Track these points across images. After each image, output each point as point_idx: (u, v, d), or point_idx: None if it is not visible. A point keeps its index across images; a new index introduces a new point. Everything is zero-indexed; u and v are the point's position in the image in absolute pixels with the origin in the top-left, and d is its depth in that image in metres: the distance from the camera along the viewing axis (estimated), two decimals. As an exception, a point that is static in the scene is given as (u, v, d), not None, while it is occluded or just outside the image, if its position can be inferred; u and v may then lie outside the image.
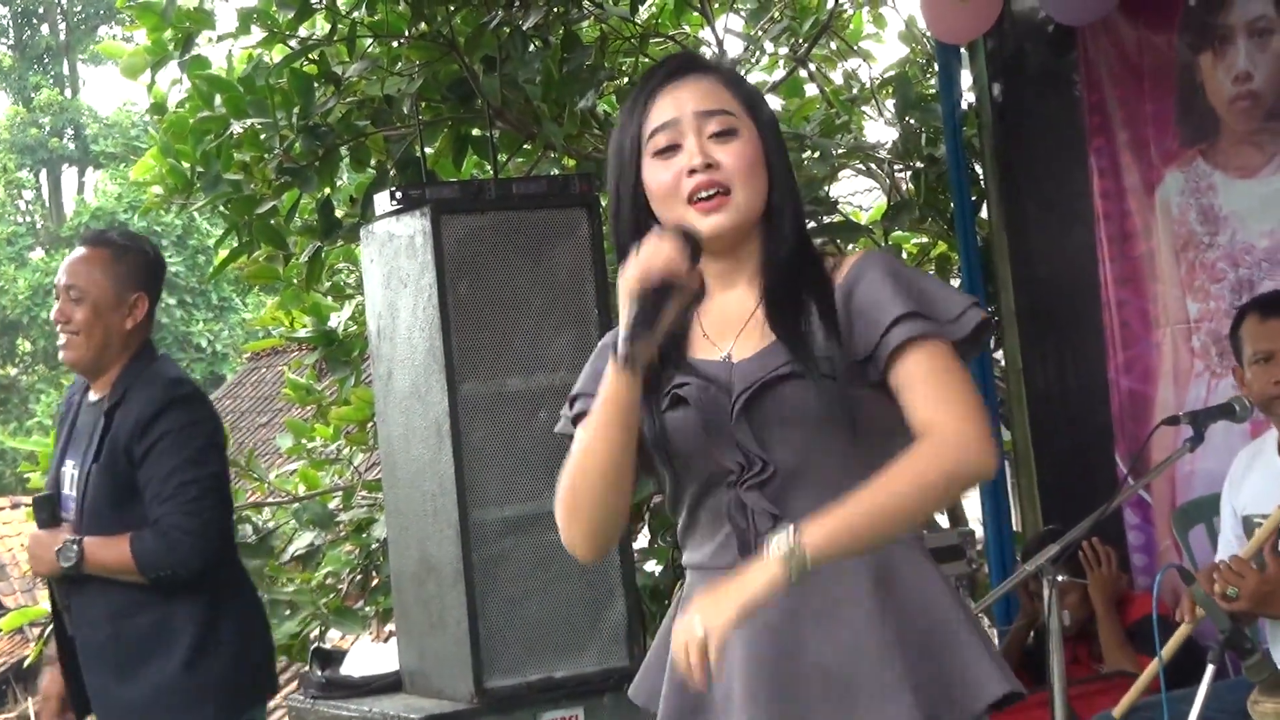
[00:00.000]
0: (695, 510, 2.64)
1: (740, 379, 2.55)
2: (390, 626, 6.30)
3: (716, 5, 7.51)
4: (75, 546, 4.19)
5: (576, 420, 2.67)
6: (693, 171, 2.56)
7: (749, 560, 2.49)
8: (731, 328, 2.62)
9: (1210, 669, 3.71)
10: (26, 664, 14.16)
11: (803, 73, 7.67)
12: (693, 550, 2.67)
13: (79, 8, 37.19)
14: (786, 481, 2.54)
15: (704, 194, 2.57)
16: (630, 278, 2.46)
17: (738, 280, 2.64)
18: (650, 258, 2.46)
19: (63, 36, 37.19)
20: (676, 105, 2.60)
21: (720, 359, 2.60)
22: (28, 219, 35.10)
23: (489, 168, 6.14)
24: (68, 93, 36.84)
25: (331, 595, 7.20)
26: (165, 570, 4.18)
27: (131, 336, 4.35)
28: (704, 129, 2.58)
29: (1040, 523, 5.93)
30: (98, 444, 4.25)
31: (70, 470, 4.34)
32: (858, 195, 8.49)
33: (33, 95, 35.30)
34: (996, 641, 6.79)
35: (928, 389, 2.51)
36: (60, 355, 4.40)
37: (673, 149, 2.58)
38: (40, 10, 37.19)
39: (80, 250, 4.40)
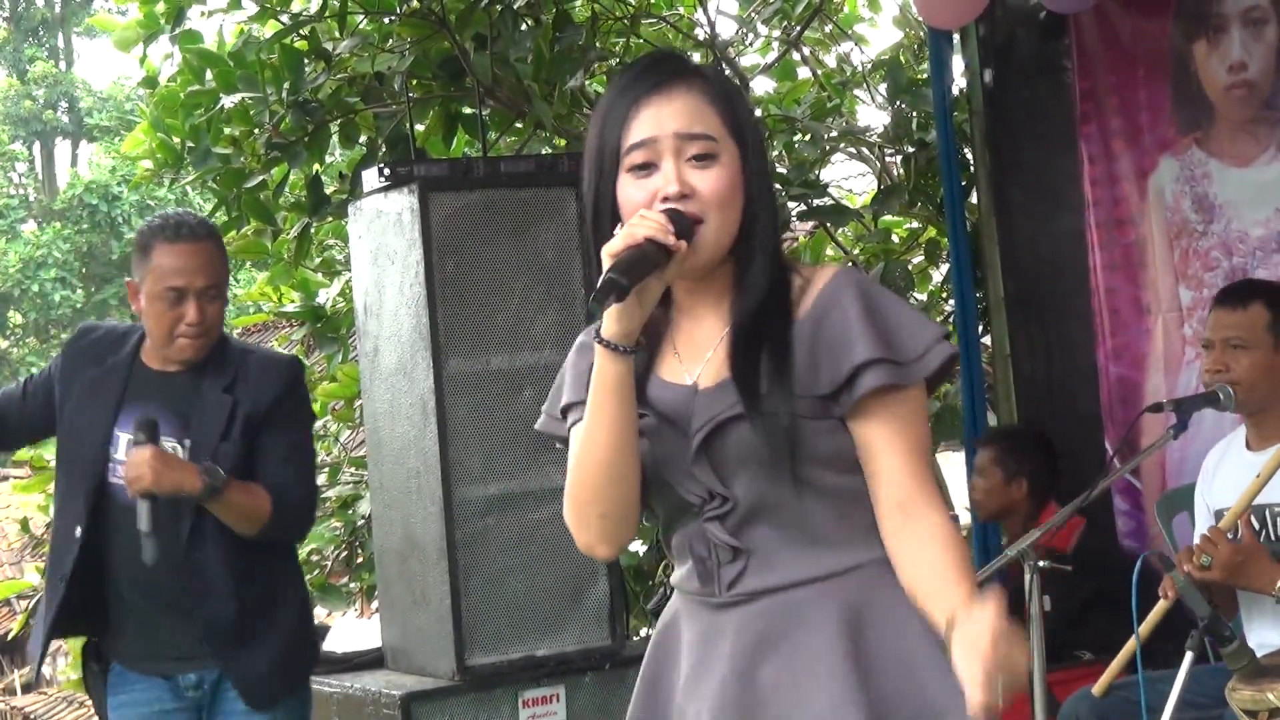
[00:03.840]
0: (669, 533, 2.62)
1: (700, 412, 2.50)
2: (375, 603, 6.31)
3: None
4: (219, 470, 4.19)
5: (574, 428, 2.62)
6: (666, 199, 2.46)
7: (708, 589, 2.52)
8: (700, 351, 2.56)
9: (1189, 655, 3.73)
10: (11, 636, 14.21)
11: (795, 55, 7.67)
12: (676, 569, 2.65)
13: (74, -19, 37.12)
14: (748, 514, 2.50)
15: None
16: (613, 242, 2.41)
17: (709, 301, 2.57)
18: (637, 224, 2.41)
19: (58, 9, 37.12)
20: (658, 123, 2.49)
21: (686, 384, 2.54)
22: (20, 191, 35.05)
23: (479, 146, 6.14)
24: (62, 65, 36.78)
25: (316, 571, 7.21)
26: (282, 528, 4.34)
27: None
28: (683, 151, 2.48)
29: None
30: (225, 423, 4.27)
31: (168, 445, 4.25)
32: (850, 180, 8.51)
33: (27, 68, 35.24)
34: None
35: (895, 450, 2.47)
36: (181, 355, 4.27)
37: (649, 167, 2.49)
38: (35, -17, 37.14)
39: (194, 244, 4.28)
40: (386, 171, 5.00)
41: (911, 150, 6.85)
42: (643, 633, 5.93)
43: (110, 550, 4.27)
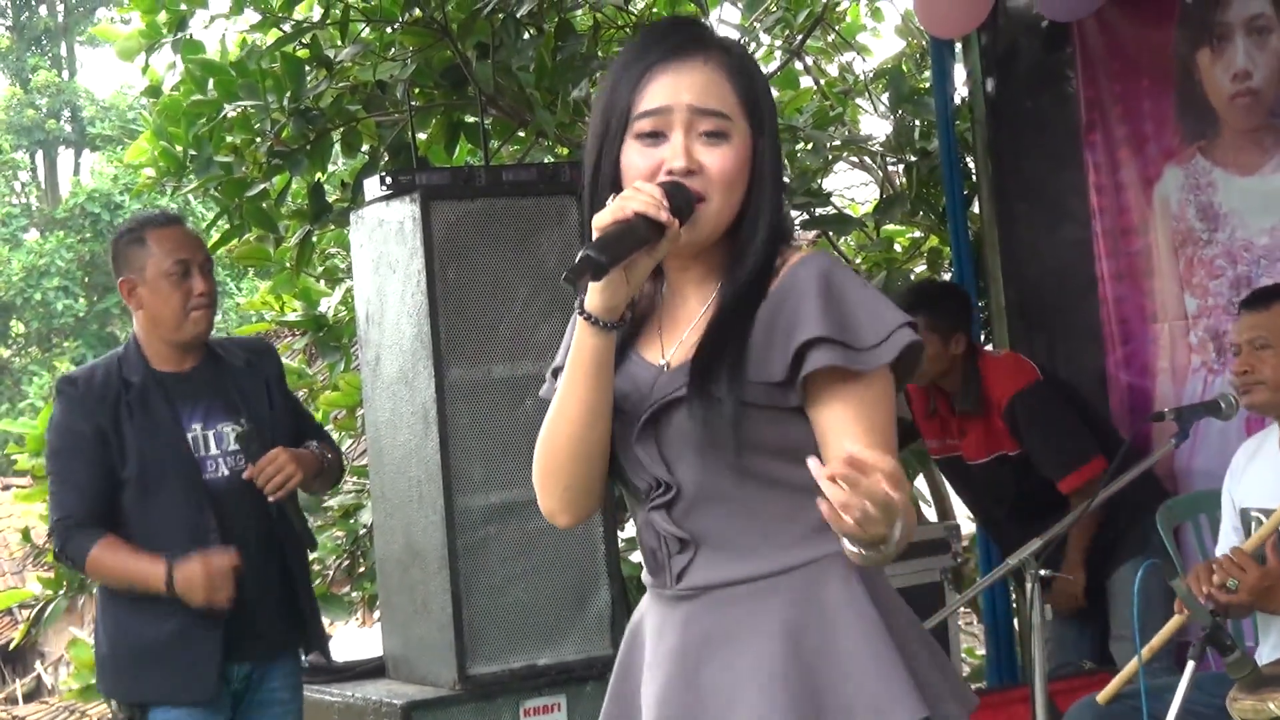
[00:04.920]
0: (634, 521, 2.55)
1: (656, 393, 2.43)
2: (377, 612, 6.30)
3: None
4: (319, 449, 4.57)
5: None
6: (671, 172, 2.38)
7: (660, 580, 2.46)
8: (679, 330, 2.48)
9: (1190, 665, 3.72)
10: (13, 646, 14.19)
11: (798, 65, 7.67)
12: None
13: (77, -10, 37.15)
14: (692, 503, 2.42)
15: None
16: (602, 213, 2.33)
17: (695, 280, 2.49)
18: (629, 197, 2.33)
19: (61, 18, 37.13)
20: (672, 91, 2.40)
21: (659, 363, 2.47)
22: (23, 200, 35.04)
23: (481, 154, 6.14)
24: (65, 74, 36.79)
25: (318, 581, 7.20)
26: (337, 480, 4.86)
27: None
28: (695, 126, 2.40)
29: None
30: (266, 394, 4.54)
31: (222, 430, 4.43)
32: (852, 189, 8.50)
33: (30, 76, 35.23)
34: (981, 637, 6.80)
35: (850, 433, 2.32)
36: (196, 329, 4.44)
37: (657, 136, 2.40)
38: (38, -9, 37.16)
39: (182, 226, 4.58)
40: (388, 180, 5.00)
41: (914, 159, 6.85)
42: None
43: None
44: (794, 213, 6.69)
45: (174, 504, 4.36)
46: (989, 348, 6.43)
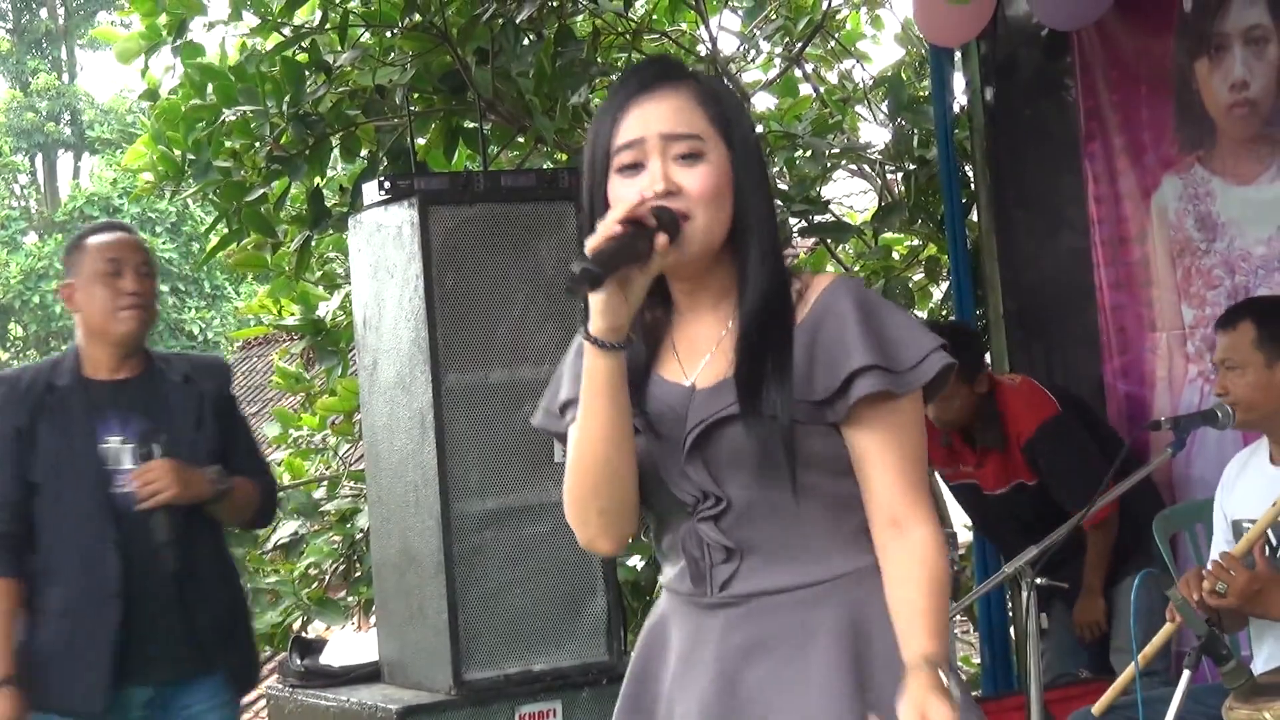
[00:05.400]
0: (661, 533, 2.63)
1: (695, 412, 2.51)
2: (373, 617, 6.30)
3: (714, 2, 7.51)
4: (225, 472, 4.41)
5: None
6: (653, 195, 2.47)
7: (700, 589, 2.53)
8: (699, 352, 2.56)
9: (1186, 674, 3.72)
10: None
11: (797, 72, 7.67)
12: (665, 570, 2.66)
13: (78, -7, 37.16)
14: (741, 515, 2.51)
15: None
16: (592, 236, 2.41)
17: (708, 302, 2.57)
18: (611, 212, 2.43)
19: (61, 21, 37.14)
20: (644, 124, 2.50)
21: (685, 384, 2.55)
22: (22, 203, 35.05)
23: (480, 160, 6.14)
24: (65, 78, 36.80)
25: (314, 585, 7.20)
26: (263, 515, 4.72)
27: None
28: (669, 151, 2.49)
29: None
30: (197, 411, 4.44)
31: (120, 446, 4.35)
32: (851, 196, 8.51)
33: (30, 79, 35.25)
34: (977, 645, 6.80)
35: (888, 462, 2.49)
36: (125, 328, 4.40)
37: (636, 167, 2.50)
38: (39, -5, 37.17)
39: (124, 233, 4.56)
40: (387, 185, 5.00)
41: (912, 167, 6.85)
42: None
43: (128, 561, 4.32)
44: (792, 220, 6.70)
45: (80, 513, 4.32)
46: (986, 357, 6.44)
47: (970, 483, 5.62)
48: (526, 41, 6.40)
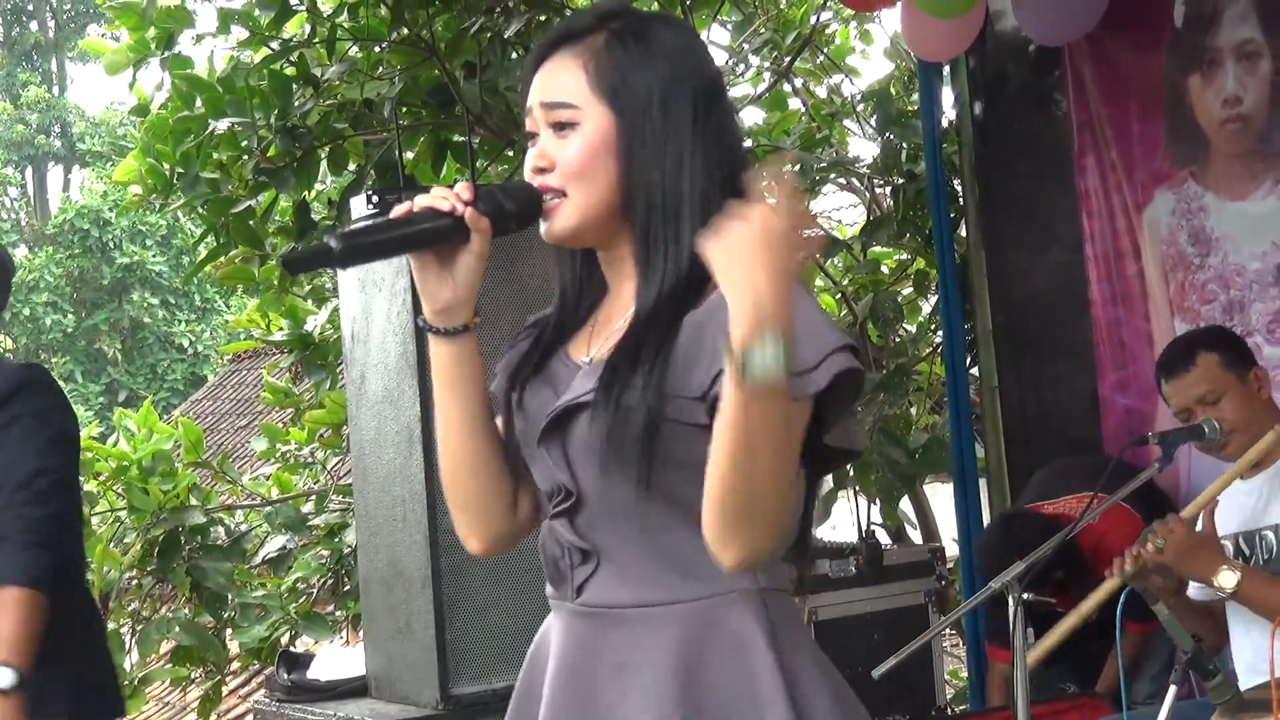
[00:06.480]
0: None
1: (567, 394, 2.27)
2: (360, 631, 6.29)
3: (703, 16, 7.51)
4: None
5: None
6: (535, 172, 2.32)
7: (562, 592, 2.31)
8: (611, 326, 2.33)
9: (1172, 689, 3.71)
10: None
11: (786, 86, 7.68)
12: None
13: (68, 5, 37.20)
14: (596, 515, 2.26)
15: (546, 196, 2.31)
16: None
17: (623, 278, 2.34)
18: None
19: (51, 34, 37.17)
20: (533, 91, 2.32)
21: (582, 362, 2.32)
22: (12, 216, 35.06)
23: (468, 174, 6.14)
24: (55, 90, 36.81)
25: (302, 599, 7.19)
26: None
27: None
28: (549, 121, 2.30)
29: (1012, 540, 5.92)
30: None
31: None
32: (839, 210, 8.51)
33: (20, 92, 35.27)
34: (966, 659, 6.79)
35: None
36: None
37: (535, 137, 2.33)
38: (29, 7, 37.18)
39: None
40: (375, 198, 4.99)
41: (901, 181, 6.85)
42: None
43: None
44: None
45: None
46: (974, 371, 6.44)
47: None
48: (514, 55, 6.41)
